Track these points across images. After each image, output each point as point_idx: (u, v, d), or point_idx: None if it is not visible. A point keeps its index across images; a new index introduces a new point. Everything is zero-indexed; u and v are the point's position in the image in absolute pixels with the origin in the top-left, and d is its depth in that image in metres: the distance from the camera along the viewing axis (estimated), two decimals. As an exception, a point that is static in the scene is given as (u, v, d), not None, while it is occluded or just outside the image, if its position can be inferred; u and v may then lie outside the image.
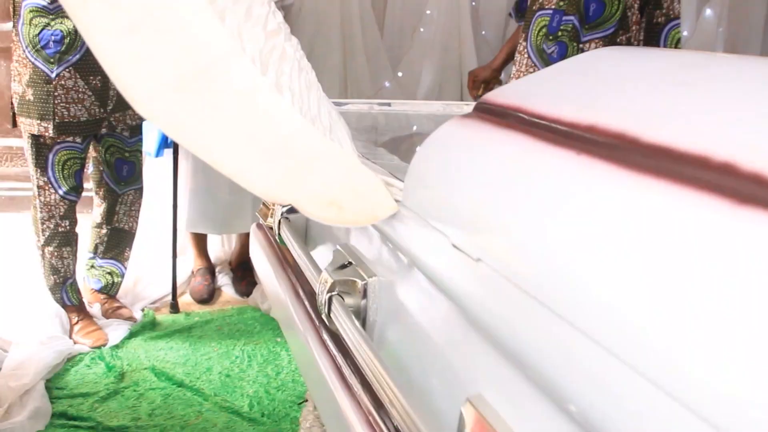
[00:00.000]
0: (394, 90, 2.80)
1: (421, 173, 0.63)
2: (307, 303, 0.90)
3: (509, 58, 2.11)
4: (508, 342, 0.47)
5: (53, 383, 1.72)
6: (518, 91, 0.63)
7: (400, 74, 2.82)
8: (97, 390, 1.71)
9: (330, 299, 0.74)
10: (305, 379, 1.02)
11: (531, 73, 1.89)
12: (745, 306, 0.31)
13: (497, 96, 0.63)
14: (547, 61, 1.86)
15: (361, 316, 0.75)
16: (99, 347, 1.91)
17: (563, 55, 1.83)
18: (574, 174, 0.46)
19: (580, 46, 1.81)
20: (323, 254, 1.02)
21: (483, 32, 2.92)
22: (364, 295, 0.75)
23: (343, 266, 0.81)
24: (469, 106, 1.62)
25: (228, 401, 1.71)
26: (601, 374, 0.37)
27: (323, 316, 0.75)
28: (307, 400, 1.62)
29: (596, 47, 1.80)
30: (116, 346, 1.93)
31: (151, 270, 2.32)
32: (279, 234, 1.10)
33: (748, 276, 0.31)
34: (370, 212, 0.64)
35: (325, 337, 0.78)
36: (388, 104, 1.58)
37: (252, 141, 0.60)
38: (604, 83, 0.56)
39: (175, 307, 2.20)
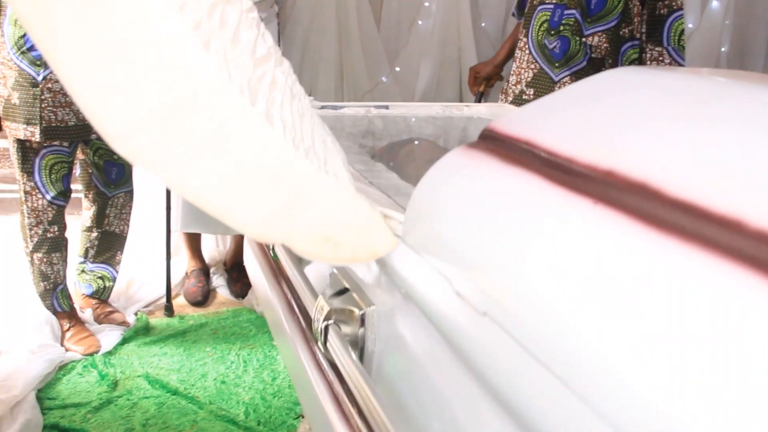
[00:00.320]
0: (391, 85, 2.74)
1: (423, 210, 0.59)
2: (302, 322, 0.87)
3: (511, 53, 2.07)
4: (513, 400, 0.44)
5: (44, 393, 1.68)
6: (529, 120, 0.59)
7: (397, 69, 2.76)
8: (89, 400, 1.67)
9: (326, 328, 0.71)
10: (301, 400, 0.99)
11: (531, 69, 1.84)
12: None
13: (506, 125, 0.59)
14: (548, 56, 1.82)
15: (358, 345, 0.73)
16: (91, 354, 1.86)
17: (565, 50, 1.79)
18: (590, 229, 0.42)
19: (583, 39, 1.77)
20: (319, 271, 0.99)
21: (482, 24, 2.86)
22: (362, 323, 0.72)
23: (340, 292, 0.78)
24: (469, 108, 1.58)
25: (223, 409, 1.67)
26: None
27: (319, 344, 0.72)
28: (304, 416, 1.59)
29: (599, 40, 1.76)
30: (109, 353, 1.89)
31: (145, 272, 2.27)
32: (273, 249, 1.07)
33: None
34: (369, 249, 0.60)
35: (322, 360, 0.75)
36: (386, 107, 1.53)
37: (240, 177, 0.56)
38: (626, 116, 0.51)
39: (169, 310, 2.16)
